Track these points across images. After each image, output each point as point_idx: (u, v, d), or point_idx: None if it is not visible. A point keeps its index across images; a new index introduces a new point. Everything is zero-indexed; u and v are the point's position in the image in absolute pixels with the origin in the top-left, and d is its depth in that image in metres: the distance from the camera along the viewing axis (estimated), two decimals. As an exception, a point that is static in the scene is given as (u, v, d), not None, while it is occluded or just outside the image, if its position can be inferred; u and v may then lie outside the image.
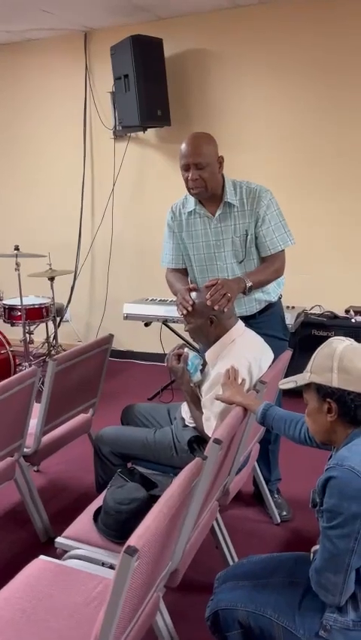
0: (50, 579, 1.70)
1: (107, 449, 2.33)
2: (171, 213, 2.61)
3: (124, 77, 4.30)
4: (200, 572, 2.14)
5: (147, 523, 1.25)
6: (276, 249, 2.49)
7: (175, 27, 4.49)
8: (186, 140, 2.37)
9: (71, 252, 5.18)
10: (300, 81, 4.23)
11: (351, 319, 4.05)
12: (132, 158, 4.88)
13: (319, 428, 1.48)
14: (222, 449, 1.67)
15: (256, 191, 2.47)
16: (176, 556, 1.66)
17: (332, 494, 1.31)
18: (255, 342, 2.28)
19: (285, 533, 2.63)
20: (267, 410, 1.87)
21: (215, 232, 2.51)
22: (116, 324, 4.70)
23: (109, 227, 5.04)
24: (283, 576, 1.55)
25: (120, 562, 1.17)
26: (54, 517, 2.65)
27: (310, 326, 4.07)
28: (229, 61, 4.42)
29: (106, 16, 4.42)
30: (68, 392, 2.59)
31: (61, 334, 4.97)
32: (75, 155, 5.07)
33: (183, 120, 4.58)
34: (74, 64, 4.92)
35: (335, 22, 4.05)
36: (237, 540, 2.38)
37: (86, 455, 3.00)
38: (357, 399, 1.40)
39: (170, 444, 2.26)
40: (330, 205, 4.30)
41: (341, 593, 1.34)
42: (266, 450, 2.71)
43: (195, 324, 2.22)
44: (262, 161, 4.40)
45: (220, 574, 1.71)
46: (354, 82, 4.07)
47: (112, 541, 1.87)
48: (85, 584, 1.68)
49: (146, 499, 1.93)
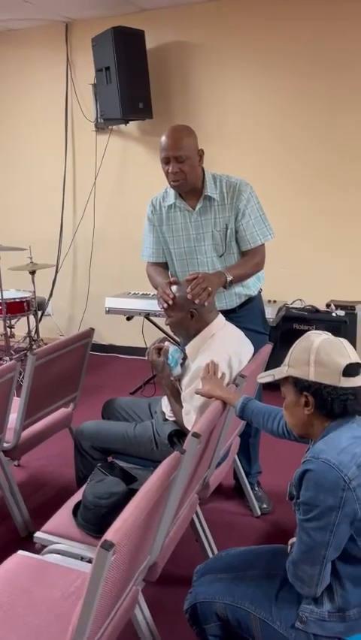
0: (29, 574, 1.69)
1: (87, 443, 2.32)
2: (151, 207, 2.60)
3: (105, 69, 4.27)
4: (180, 565, 2.15)
5: (124, 517, 1.25)
6: (256, 242, 2.49)
7: (157, 19, 4.46)
8: (166, 132, 2.36)
9: (52, 246, 5.15)
10: (282, 74, 4.23)
11: (332, 313, 4.07)
12: (114, 150, 4.85)
13: (296, 421, 1.49)
14: (201, 443, 1.67)
15: (236, 185, 2.46)
16: (155, 549, 1.66)
17: (308, 487, 1.32)
18: (235, 336, 2.28)
19: (265, 526, 2.65)
20: (246, 404, 1.87)
21: (195, 226, 2.50)
22: (98, 318, 4.68)
23: (91, 221, 5.01)
24: (261, 569, 1.56)
25: (96, 556, 1.17)
26: (34, 511, 2.63)
27: (291, 320, 4.09)
28: (211, 54, 4.40)
29: (87, 6, 4.38)
30: (48, 386, 2.57)
31: (42, 328, 4.94)
32: (56, 148, 5.03)
33: (165, 113, 4.56)
34: (55, 55, 4.87)
35: (317, 15, 4.06)
36: (217, 533, 2.39)
37: (66, 450, 2.99)
38: (333, 392, 1.40)
39: (150, 438, 2.25)
40: (311, 199, 4.32)
41: (317, 584, 1.35)
42: (247, 443, 2.72)
43: (175, 317, 2.21)
44: (244, 154, 4.40)
45: (199, 567, 1.71)
46: (337, 75, 4.08)
47: (91, 535, 1.87)
48: (63, 579, 1.67)
49: (125, 494, 1.92)
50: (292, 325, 4.08)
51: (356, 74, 4.03)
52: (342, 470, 1.29)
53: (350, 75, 4.05)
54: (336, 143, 4.17)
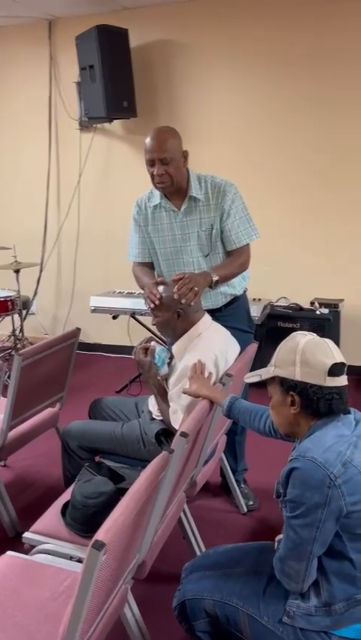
0: (18, 574, 1.70)
1: (74, 443, 2.33)
2: (137, 207, 2.61)
3: (89, 68, 4.26)
4: (168, 563, 2.17)
5: (114, 517, 1.27)
6: (241, 242, 2.51)
7: (141, 17, 4.45)
8: (151, 134, 2.36)
9: (36, 244, 5.12)
10: (266, 73, 4.26)
11: (316, 311, 4.12)
12: (98, 149, 4.84)
13: (282, 420, 1.52)
14: (188, 442, 1.69)
15: (220, 185, 2.48)
16: (143, 548, 1.68)
17: (294, 485, 1.35)
18: (221, 335, 2.31)
19: (251, 523, 2.68)
20: (233, 403, 1.90)
21: (181, 226, 2.51)
22: (84, 317, 4.68)
23: (75, 219, 5.00)
24: (249, 565, 1.59)
25: (87, 556, 1.18)
26: (22, 511, 2.64)
27: (276, 318, 4.13)
28: (195, 53, 4.41)
29: (71, 4, 4.36)
30: (34, 386, 2.57)
31: (27, 327, 4.92)
32: (40, 147, 5.00)
33: (149, 111, 4.56)
34: (38, 53, 4.84)
35: (299, 14, 4.08)
36: (204, 530, 2.41)
37: (53, 449, 2.99)
38: (319, 391, 1.43)
39: (138, 437, 2.27)
40: (295, 198, 4.35)
41: (304, 580, 1.38)
42: (233, 441, 2.75)
43: (162, 317, 2.23)
44: (228, 153, 4.42)
45: (187, 565, 1.73)
46: (320, 73, 4.12)
47: (80, 535, 1.88)
48: (53, 579, 1.68)
49: (114, 493, 1.93)
50: (276, 323, 4.12)
51: (341, 73, 4.07)
52: (328, 468, 1.32)
53: (335, 74, 4.08)
54: (321, 141, 4.21)
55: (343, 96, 4.10)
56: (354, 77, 4.05)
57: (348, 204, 4.23)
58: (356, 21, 3.96)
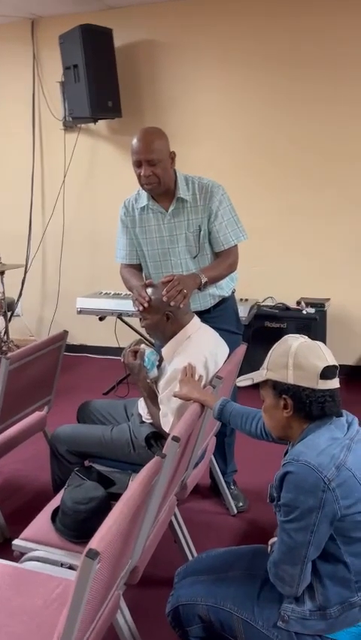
0: (9, 583, 1.68)
1: (63, 448, 2.31)
2: (124, 209, 2.59)
3: (73, 67, 4.23)
4: (159, 567, 2.15)
5: (107, 524, 1.25)
6: (229, 244, 2.51)
7: (125, 17, 4.43)
8: (138, 135, 2.35)
9: (21, 246, 5.07)
10: (252, 73, 4.26)
11: (302, 310, 4.13)
12: (83, 149, 4.80)
13: (275, 424, 1.51)
14: (180, 446, 1.68)
15: (208, 186, 2.47)
16: (136, 553, 1.66)
17: (288, 489, 1.34)
18: (211, 337, 2.30)
19: (242, 524, 2.68)
20: (224, 406, 1.89)
21: (168, 228, 2.50)
22: (70, 318, 4.64)
23: (60, 220, 4.96)
24: (242, 569, 1.58)
25: (81, 565, 1.16)
26: (10, 517, 2.60)
27: (263, 318, 4.13)
28: (180, 52, 4.40)
29: (54, 3, 4.32)
30: (22, 390, 2.54)
31: (12, 329, 4.87)
32: (24, 147, 4.95)
33: (134, 111, 4.54)
34: (21, 52, 4.79)
35: (286, 14, 4.09)
36: (195, 533, 2.40)
37: (41, 453, 2.96)
38: (312, 394, 1.43)
39: (127, 441, 2.25)
40: (280, 197, 4.36)
41: (298, 584, 1.37)
42: (222, 443, 2.74)
43: (151, 320, 2.22)
44: (214, 153, 4.42)
45: (180, 569, 1.72)
46: (307, 73, 4.12)
47: (71, 541, 1.86)
48: (44, 586, 1.66)
49: (104, 498, 1.92)
50: (263, 323, 4.13)
51: (326, 72, 4.08)
52: (322, 472, 1.32)
53: (322, 73, 4.09)
54: (307, 141, 4.22)
55: (329, 95, 4.11)
56: (340, 76, 4.06)
57: (333, 204, 4.25)
58: (341, 19, 3.98)
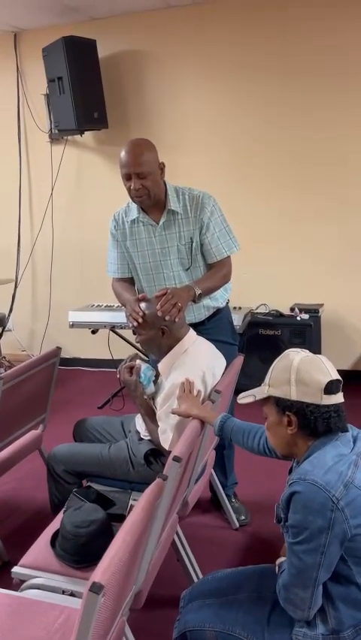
0: (9, 613, 1.62)
1: (60, 468, 2.26)
2: (114, 222, 2.55)
3: (58, 79, 4.19)
4: (162, 586, 2.09)
5: (110, 554, 1.21)
6: (222, 255, 2.48)
7: (108, 28, 4.41)
8: (126, 148, 2.31)
9: (10, 260, 5.02)
10: (237, 81, 4.24)
11: (296, 317, 4.10)
12: (70, 161, 4.77)
13: (279, 441, 1.47)
14: (181, 466, 1.64)
15: (198, 197, 2.44)
16: (140, 578, 1.62)
17: (296, 509, 1.31)
18: (207, 350, 2.26)
19: (245, 538, 2.63)
20: (224, 422, 1.85)
21: (160, 240, 2.47)
22: (62, 332, 4.59)
23: (49, 233, 4.92)
24: (250, 591, 1.54)
25: (86, 600, 1.12)
26: (7, 539, 2.54)
27: (257, 326, 4.09)
28: (165, 62, 4.38)
29: (36, 16, 4.29)
30: (16, 410, 2.49)
31: (4, 344, 4.82)
32: (10, 160, 4.91)
33: (120, 122, 4.51)
34: (5, 65, 4.75)
35: (271, 23, 4.08)
36: (197, 549, 2.35)
37: (37, 472, 2.91)
38: (316, 410, 1.39)
39: (126, 459, 2.21)
40: (271, 203, 4.34)
41: (310, 607, 1.33)
42: (221, 455, 2.70)
43: (146, 335, 2.18)
44: (201, 161, 4.39)
45: (185, 592, 1.68)
46: (292, 82, 4.12)
47: (72, 566, 1.81)
48: (46, 616, 1.61)
49: (104, 520, 1.87)
50: (258, 331, 4.09)
51: (310, 78, 4.06)
52: (330, 490, 1.28)
53: (305, 79, 4.08)
54: (295, 147, 4.20)
55: (314, 101, 4.10)
56: (325, 83, 4.05)
57: (323, 208, 4.24)
58: (325, 26, 3.97)
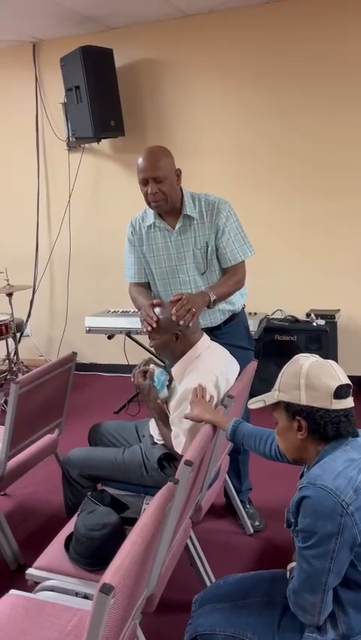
0: (23, 615, 1.64)
1: (75, 472, 2.28)
2: (131, 227, 2.59)
3: (75, 88, 4.26)
4: (175, 590, 2.10)
5: (121, 556, 1.22)
6: (236, 260, 2.49)
7: (125, 37, 4.46)
8: (143, 154, 2.35)
9: (28, 266, 5.09)
10: (252, 88, 4.27)
11: (312, 322, 4.09)
12: (87, 168, 4.83)
13: (290, 446, 1.48)
14: (193, 470, 1.65)
15: (214, 203, 2.46)
16: (152, 581, 1.63)
17: (306, 514, 1.31)
18: (221, 355, 2.27)
19: (258, 544, 2.63)
20: (236, 427, 1.86)
21: (176, 245, 2.49)
22: (79, 337, 4.64)
23: (67, 239, 4.97)
24: (261, 596, 1.54)
25: (95, 600, 1.13)
26: (23, 542, 2.58)
27: (272, 331, 4.09)
28: (181, 70, 4.42)
29: (54, 26, 4.36)
30: (32, 414, 2.52)
31: (22, 349, 4.87)
32: (29, 168, 4.99)
33: (137, 130, 4.56)
34: (24, 75, 4.84)
35: (285, 28, 4.10)
36: (210, 554, 2.35)
37: (53, 475, 2.94)
38: (326, 415, 1.40)
39: (140, 463, 2.22)
40: (287, 209, 4.35)
41: (320, 612, 1.33)
42: (236, 460, 2.70)
43: (160, 340, 2.19)
44: (218, 168, 4.42)
45: (197, 596, 1.68)
46: (307, 87, 4.12)
47: (85, 569, 1.83)
48: (59, 618, 1.63)
49: (118, 524, 1.89)
50: (273, 336, 4.09)
51: (328, 83, 4.07)
52: (339, 495, 1.28)
53: (324, 84, 4.09)
54: (312, 152, 4.21)
55: (332, 105, 4.10)
56: (343, 88, 4.05)
57: (340, 214, 4.23)
58: (340, 30, 3.98)
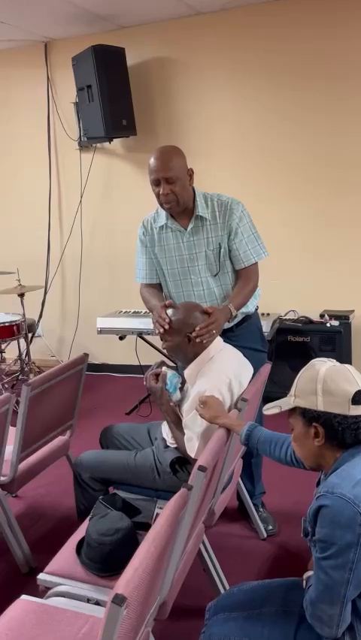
0: (34, 621, 1.62)
1: (87, 475, 2.26)
2: (143, 228, 2.56)
3: (87, 88, 4.24)
4: (187, 596, 2.07)
5: (134, 566, 1.19)
6: (250, 261, 2.46)
7: (137, 36, 4.44)
8: (155, 154, 2.32)
9: (40, 267, 5.08)
10: (264, 85, 4.22)
11: (326, 324, 4.03)
12: (99, 168, 4.81)
13: (307, 453, 1.44)
14: (207, 475, 1.62)
15: (227, 203, 2.43)
16: (165, 589, 1.60)
17: (323, 524, 1.27)
18: (234, 357, 2.24)
19: (272, 548, 2.59)
20: (251, 431, 1.82)
21: (188, 246, 2.46)
22: (90, 338, 4.62)
23: (78, 240, 4.96)
24: (276, 605, 1.51)
25: (108, 611, 1.11)
26: (35, 545, 2.56)
27: (285, 332, 4.04)
28: (192, 68, 4.38)
29: (65, 26, 4.35)
30: (44, 416, 2.51)
31: (33, 350, 4.86)
32: (40, 168, 4.98)
33: (148, 129, 4.53)
34: (36, 75, 4.83)
35: (296, 26, 4.05)
36: (223, 558, 2.32)
37: (64, 477, 2.92)
38: (343, 421, 1.36)
39: (152, 466, 2.20)
40: (301, 208, 4.29)
41: (338, 625, 1.29)
42: (249, 464, 2.67)
43: (173, 342, 2.17)
44: (230, 166, 4.38)
45: (211, 604, 1.65)
46: (318, 84, 4.07)
47: (97, 575, 1.80)
48: (71, 625, 1.61)
49: (130, 529, 1.86)
50: (286, 337, 4.04)
51: (339, 82, 4.02)
52: (358, 505, 1.24)
53: (334, 83, 4.03)
54: (325, 150, 4.15)
55: (345, 103, 4.04)
56: (352, 86, 4.00)
57: (355, 212, 4.17)
58: (352, 29, 3.92)
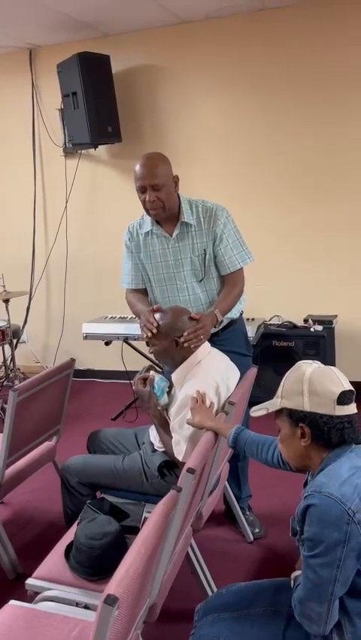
0: (23, 626, 1.62)
1: (74, 480, 2.26)
2: (129, 234, 2.58)
3: (72, 95, 4.25)
4: (176, 599, 2.08)
5: (124, 567, 1.20)
6: (235, 267, 2.48)
7: (122, 43, 4.46)
8: (140, 161, 2.34)
9: (25, 272, 5.07)
10: (249, 93, 4.27)
11: (310, 328, 4.08)
12: (84, 174, 4.82)
13: (293, 454, 1.46)
14: (195, 478, 1.63)
15: (212, 209, 2.46)
16: (154, 591, 1.61)
17: (311, 522, 1.29)
18: (221, 361, 2.26)
19: (259, 551, 2.61)
20: (238, 434, 1.84)
21: (173, 252, 2.48)
22: (75, 343, 4.62)
23: (63, 246, 4.96)
24: (265, 605, 1.52)
25: (100, 612, 1.12)
26: (21, 551, 2.56)
27: (270, 337, 4.07)
28: (178, 76, 4.42)
29: (51, 33, 4.36)
30: (30, 422, 2.50)
31: (18, 356, 4.84)
32: (25, 174, 4.97)
33: (134, 136, 4.55)
34: (20, 81, 4.83)
35: (281, 35, 4.11)
36: (211, 562, 2.33)
37: (51, 483, 2.91)
38: (330, 421, 1.39)
39: (139, 470, 2.21)
40: (284, 214, 4.34)
41: (326, 622, 1.31)
42: (235, 467, 2.69)
43: (160, 346, 2.18)
44: (215, 173, 4.42)
45: (200, 606, 1.66)
46: (304, 92, 4.13)
47: (85, 578, 1.81)
48: (60, 629, 1.61)
49: (118, 532, 1.87)
50: (271, 342, 4.07)
51: (328, 91, 4.07)
52: (345, 503, 1.27)
53: (321, 91, 4.09)
54: (308, 158, 4.21)
55: (329, 111, 4.10)
56: (340, 94, 4.06)
57: (337, 219, 4.22)
58: (339, 38, 3.99)
